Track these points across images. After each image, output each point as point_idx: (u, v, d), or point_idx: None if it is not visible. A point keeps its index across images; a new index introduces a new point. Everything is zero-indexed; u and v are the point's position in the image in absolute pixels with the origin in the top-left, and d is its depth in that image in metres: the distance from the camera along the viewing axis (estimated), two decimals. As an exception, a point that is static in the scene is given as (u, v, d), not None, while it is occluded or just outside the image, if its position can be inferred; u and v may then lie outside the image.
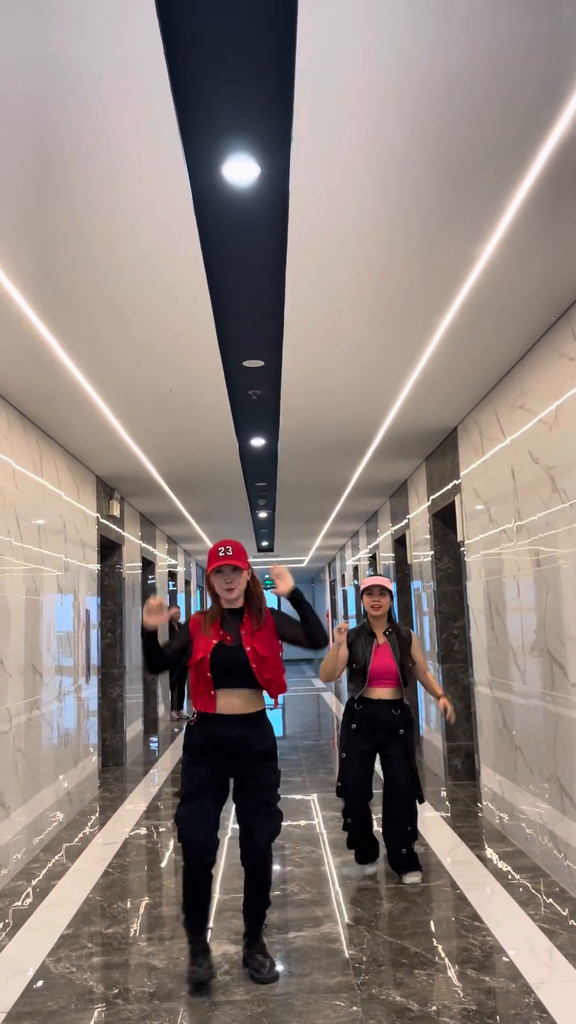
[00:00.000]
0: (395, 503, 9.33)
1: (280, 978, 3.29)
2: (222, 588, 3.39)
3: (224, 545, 3.38)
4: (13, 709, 4.89)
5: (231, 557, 3.36)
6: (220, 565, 3.36)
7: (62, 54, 2.16)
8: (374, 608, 4.49)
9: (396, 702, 4.42)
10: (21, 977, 3.40)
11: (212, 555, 3.38)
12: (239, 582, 3.40)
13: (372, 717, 4.40)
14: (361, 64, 2.26)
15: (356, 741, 4.42)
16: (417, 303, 3.85)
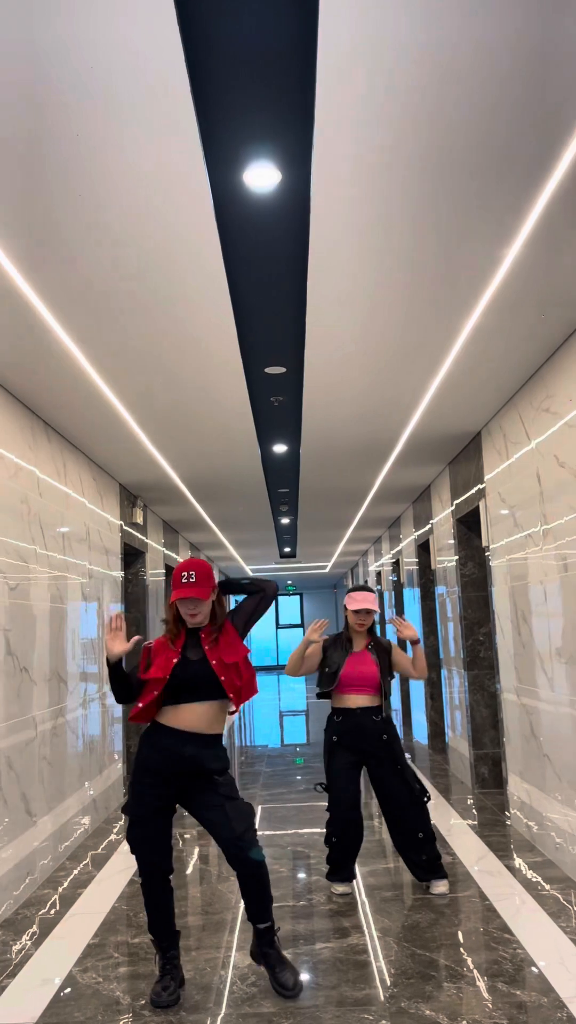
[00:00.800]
0: (418, 508, 9.28)
1: (307, 989, 3.26)
2: (186, 614, 3.29)
3: (187, 570, 3.25)
4: (38, 717, 4.91)
5: (194, 585, 3.22)
6: (183, 597, 3.23)
7: (80, 61, 2.16)
8: (359, 625, 4.46)
9: (375, 709, 4.36)
10: (48, 987, 3.39)
11: (176, 580, 3.26)
12: (202, 607, 3.30)
13: (353, 727, 4.34)
14: (382, 67, 2.24)
15: (340, 754, 4.37)
16: (440, 306, 3.82)
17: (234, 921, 4.03)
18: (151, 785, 3.23)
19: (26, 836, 4.57)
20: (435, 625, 9.00)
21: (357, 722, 4.33)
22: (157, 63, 2.17)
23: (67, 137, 2.46)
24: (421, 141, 2.56)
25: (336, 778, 4.36)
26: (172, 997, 3.18)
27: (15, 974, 3.52)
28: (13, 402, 4.71)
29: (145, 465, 6.92)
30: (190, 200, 2.82)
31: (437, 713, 8.97)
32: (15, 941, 3.88)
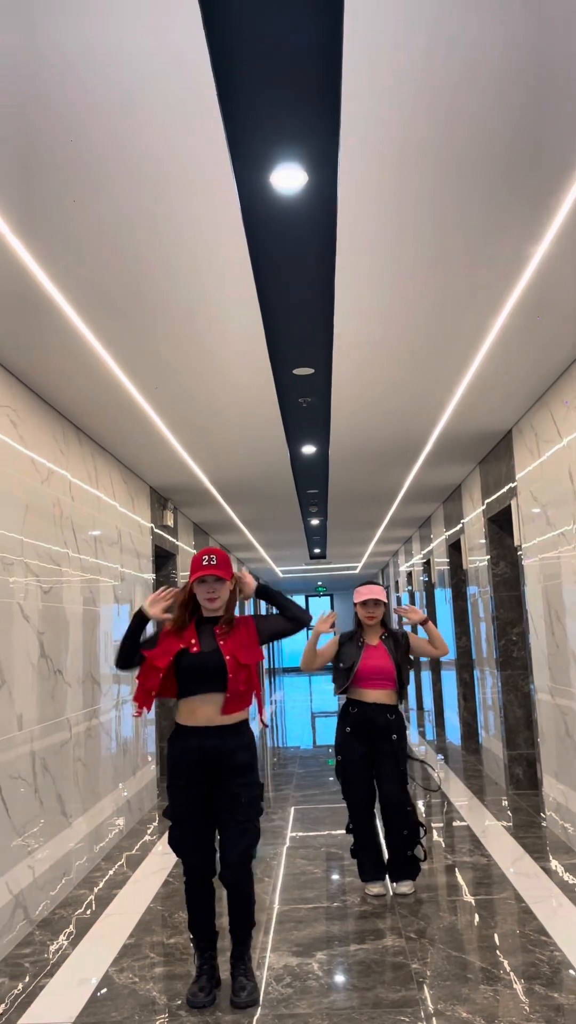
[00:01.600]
0: (449, 508, 9.22)
1: (343, 991, 3.25)
2: (204, 597, 3.32)
3: (208, 554, 3.32)
4: (72, 719, 4.95)
5: (215, 567, 3.29)
6: (204, 575, 3.29)
7: (107, 65, 2.18)
8: (368, 618, 4.47)
9: (391, 707, 4.38)
10: (85, 987, 3.42)
11: (196, 563, 3.32)
12: (222, 592, 3.33)
13: (366, 720, 4.36)
14: (408, 66, 2.23)
15: (351, 744, 4.39)
16: (469, 305, 3.80)
17: (268, 922, 4.04)
18: (183, 787, 3.25)
19: (62, 837, 4.61)
20: (467, 625, 8.94)
21: (371, 716, 4.36)
22: (183, 65, 2.19)
23: (94, 142, 2.48)
24: (448, 139, 2.55)
25: (350, 767, 4.39)
26: (209, 998, 3.19)
27: (52, 973, 3.55)
28: (44, 407, 4.76)
29: (175, 468, 6.95)
30: (218, 203, 2.83)
31: (470, 714, 8.91)
32: (52, 941, 3.92)
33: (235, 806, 3.23)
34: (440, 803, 6.49)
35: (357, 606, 4.53)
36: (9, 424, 4.19)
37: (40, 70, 2.17)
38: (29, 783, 4.19)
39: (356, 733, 4.38)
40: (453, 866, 4.80)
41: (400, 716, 4.41)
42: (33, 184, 2.66)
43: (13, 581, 4.12)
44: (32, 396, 4.57)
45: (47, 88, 2.24)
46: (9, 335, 3.79)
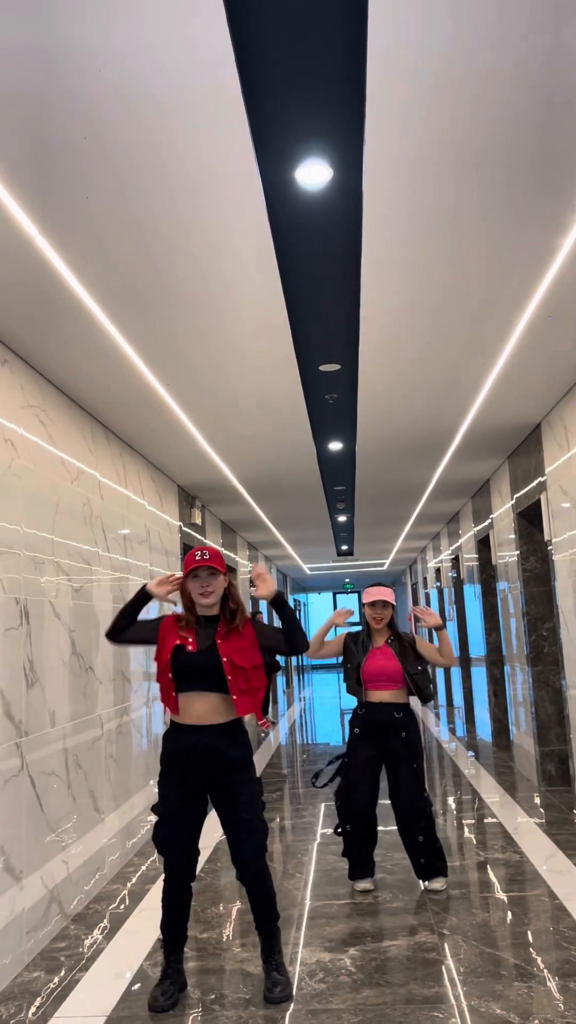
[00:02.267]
0: (477, 503, 9.17)
1: (376, 987, 3.25)
2: (197, 592, 3.30)
3: (201, 549, 3.31)
4: (104, 716, 5.00)
5: (207, 560, 3.28)
6: (196, 568, 3.28)
7: (132, 61, 2.20)
8: (376, 620, 4.45)
9: (398, 705, 4.34)
10: (120, 981, 3.45)
11: (189, 559, 3.31)
12: (215, 586, 3.30)
13: (374, 720, 4.34)
14: (431, 60, 2.22)
15: (360, 746, 4.37)
16: (496, 298, 3.77)
17: (300, 918, 4.05)
18: (176, 785, 3.25)
19: (95, 832, 4.66)
20: (497, 621, 8.88)
21: (379, 717, 4.34)
22: (207, 61, 2.19)
23: (116, 138, 2.49)
24: (472, 132, 2.53)
25: (353, 770, 4.37)
26: (169, 1002, 3.18)
27: (87, 967, 3.59)
28: (73, 407, 4.80)
29: (202, 466, 6.98)
30: (243, 200, 2.83)
31: (501, 710, 8.85)
32: (87, 935, 3.96)
33: (236, 804, 3.21)
34: (471, 800, 6.46)
35: (365, 607, 4.51)
36: (39, 424, 4.24)
37: (62, 67, 2.19)
38: (62, 779, 4.24)
39: (364, 733, 4.37)
40: (485, 863, 4.77)
41: (410, 714, 4.38)
42: (56, 182, 2.68)
43: (45, 580, 4.16)
44: (61, 396, 4.61)
45: (69, 84, 2.25)
46: (38, 335, 3.83)
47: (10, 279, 3.27)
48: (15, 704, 3.72)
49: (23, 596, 3.88)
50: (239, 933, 3.91)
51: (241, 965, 3.54)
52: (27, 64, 2.15)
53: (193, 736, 3.22)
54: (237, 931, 3.94)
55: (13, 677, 3.72)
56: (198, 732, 3.22)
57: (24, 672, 3.85)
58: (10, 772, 3.63)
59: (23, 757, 3.77)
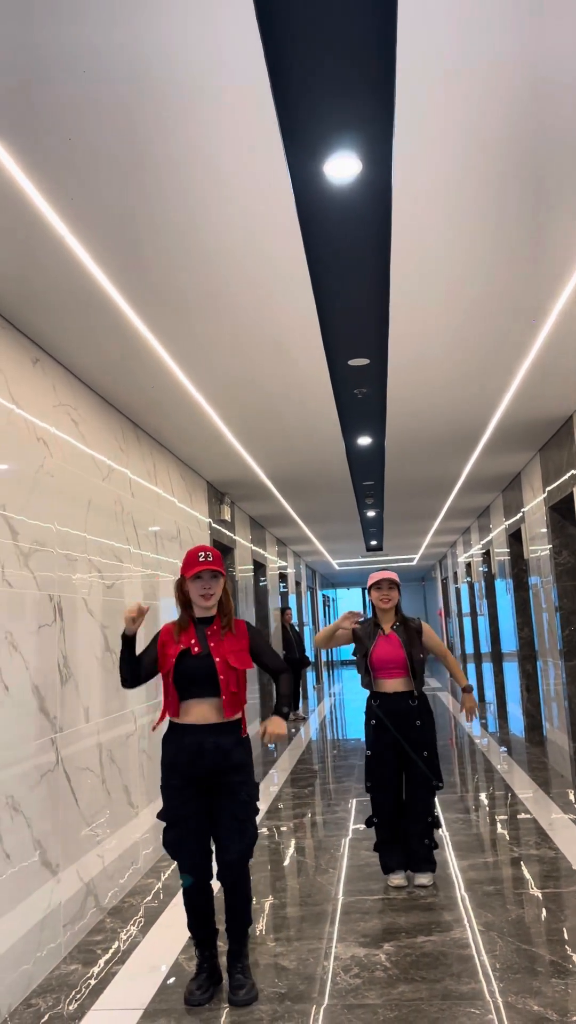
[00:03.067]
0: (508, 497, 9.09)
1: (411, 983, 3.24)
2: (198, 594, 3.30)
3: (203, 550, 3.30)
4: (137, 711, 5.03)
5: (211, 563, 3.27)
6: (200, 571, 3.27)
7: (160, 55, 2.20)
8: (383, 601, 4.45)
9: (410, 693, 4.36)
10: (156, 974, 3.48)
11: (191, 559, 3.30)
12: (217, 588, 3.32)
13: (389, 711, 4.36)
14: (461, 54, 2.19)
15: (379, 737, 4.38)
16: (527, 289, 3.73)
17: (334, 912, 4.05)
18: (179, 787, 3.25)
19: (129, 827, 4.70)
20: (529, 616, 8.81)
21: (393, 706, 4.36)
22: (235, 58, 2.19)
23: (147, 135, 2.50)
24: (505, 121, 2.50)
25: (377, 763, 4.39)
26: (206, 996, 3.20)
27: (124, 960, 3.62)
28: (104, 405, 4.83)
29: (231, 462, 6.99)
30: (272, 194, 2.83)
31: (533, 705, 8.78)
32: (122, 928, 4.00)
33: (233, 804, 3.22)
34: (504, 795, 6.42)
35: (371, 591, 4.50)
36: (71, 423, 4.27)
37: (91, 63, 2.20)
38: (96, 774, 4.27)
39: (381, 725, 4.39)
40: (519, 859, 4.74)
41: (424, 701, 4.41)
42: (86, 180, 2.69)
43: (77, 577, 4.20)
44: (92, 395, 4.64)
45: (97, 79, 2.26)
46: (70, 335, 3.86)
47: (42, 280, 3.30)
48: (50, 700, 3.76)
49: (56, 593, 3.92)
50: (272, 928, 3.93)
51: (276, 959, 3.55)
52: (63, 66, 2.16)
53: (198, 735, 3.22)
54: (271, 925, 3.95)
55: (48, 673, 3.76)
56: (202, 731, 3.23)
57: (58, 668, 3.88)
58: (46, 767, 3.67)
59: (58, 752, 3.81)
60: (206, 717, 3.24)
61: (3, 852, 3.24)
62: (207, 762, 3.21)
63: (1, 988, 3.15)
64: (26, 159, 2.54)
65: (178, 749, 3.25)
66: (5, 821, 3.28)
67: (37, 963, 3.45)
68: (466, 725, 4.47)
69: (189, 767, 3.23)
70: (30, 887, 3.44)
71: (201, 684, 3.25)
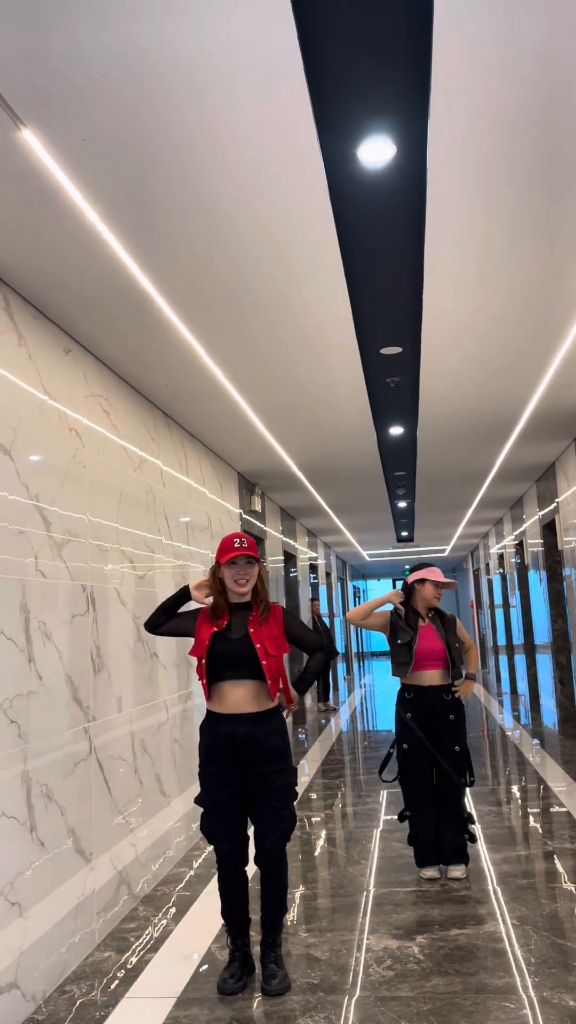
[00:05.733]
0: (542, 487, 8.97)
1: (444, 976, 3.22)
2: (233, 580, 3.29)
3: (239, 537, 3.30)
4: (168, 701, 5.05)
5: (246, 548, 3.27)
6: (235, 556, 3.27)
7: (195, 41, 2.17)
8: (437, 599, 4.45)
9: (447, 687, 4.33)
10: (188, 963, 3.49)
11: (226, 545, 3.29)
12: (252, 574, 3.31)
13: (424, 704, 4.32)
14: (497, 38, 2.14)
15: (412, 732, 4.34)
16: (564, 277, 3.65)
17: (367, 904, 4.03)
18: (216, 774, 3.25)
19: (161, 815, 4.72)
20: (563, 608, 8.70)
21: (428, 700, 4.33)
22: (268, 41, 2.16)
23: (180, 124, 2.48)
24: (540, 105, 2.44)
25: (410, 756, 4.36)
26: (239, 985, 3.20)
27: (156, 948, 3.64)
28: (134, 395, 4.84)
29: (262, 453, 6.98)
30: (304, 179, 2.79)
31: (567, 698, 8.68)
32: (155, 916, 4.02)
33: (269, 792, 3.22)
34: (537, 788, 6.36)
35: (428, 584, 4.44)
36: (103, 413, 4.28)
37: (128, 51, 2.18)
38: (129, 763, 4.30)
39: (417, 719, 4.35)
40: (552, 852, 4.69)
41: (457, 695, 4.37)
42: (119, 169, 2.68)
43: (109, 567, 4.21)
44: (123, 385, 4.65)
45: (135, 68, 2.24)
46: (101, 325, 3.86)
47: (74, 271, 3.30)
48: (83, 690, 3.78)
49: (89, 583, 3.94)
50: (304, 918, 3.92)
51: (308, 950, 3.54)
52: (99, 56, 2.15)
53: (232, 724, 3.22)
54: (302, 916, 3.95)
55: (81, 663, 3.78)
56: (236, 720, 3.23)
57: (91, 658, 3.90)
58: (79, 756, 3.69)
59: (91, 741, 3.83)
60: (239, 705, 3.24)
61: (37, 839, 3.27)
62: (241, 751, 3.22)
63: (36, 974, 3.18)
64: (60, 152, 2.53)
65: (213, 737, 3.26)
66: (39, 809, 3.30)
67: (71, 950, 3.48)
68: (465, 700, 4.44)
69: (223, 755, 3.24)
70: (64, 874, 3.47)
71: (235, 667, 3.24)
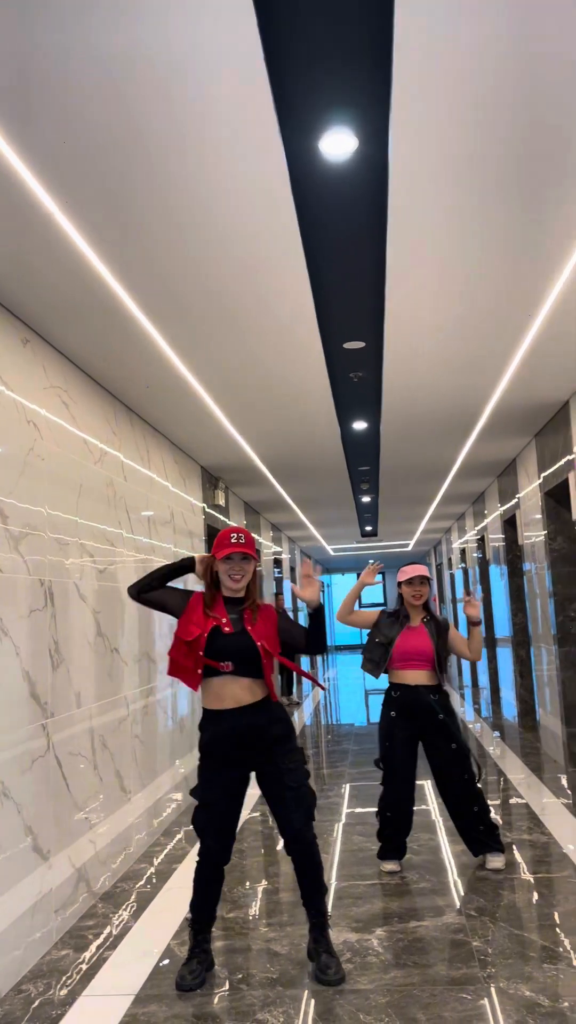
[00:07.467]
0: (503, 483, 9.07)
1: (403, 968, 3.24)
2: (228, 575, 3.27)
3: (236, 532, 3.27)
4: (130, 696, 5.01)
5: (243, 545, 3.24)
6: (231, 552, 3.25)
7: (151, 32, 2.14)
8: (415, 597, 4.39)
9: (433, 687, 4.31)
10: (148, 959, 3.47)
11: (223, 540, 3.26)
12: (248, 571, 3.30)
13: (411, 703, 4.29)
14: (459, 28, 2.14)
15: (397, 730, 4.32)
16: (525, 272, 3.68)
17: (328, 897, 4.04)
18: (217, 770, 3.25)
19: (121, 812, 4.68)
20: (523, 602, 8.81)
21: (414, 699, 4.29)
22: (229, 31, 2.13)
23: (138, 113, 2.44)
24: (504, 101, 2.44)
25: (392, 753, 4.34)
26: (197, 981, 3.19)
27: (115, 946, 3.61)
28: (96, 388, 4.78)
29: (225, 447, 6.95)
30: (265, 171, 2.77)
31: (527, 691, 8.79)
32: (114, 914, 3.99)
33: (281, 775, 3.22)
34: (497, 780, 6.43)
35: (402, 585, 4.44)
36: (61, 405, 4.22)
37: (82, 44, 2.14)
38: (88, 760, 4.25)
39: (401, 716, 4.33)
40: (512, 844, 4.74)
41: (445, 695, 4.35)
42: (75, 158, 2.64)
43: (69, 562, 4.16)
44: (84, 377, 4.59)
45: (88, 60, 2.20)
46: (60, 316, 3.80)
47: (31, 259, 3.24)
48: (41, 685, 3.73)
49: (48, 578, 3.88)
50: (266, 913, 3.92)
51: (268, 945, 3.54)
52: (55, 51, 2.10)
53: (233, 719, 3.21)
54: (264, 911, 3.95)
55: (38, 658, 3.73)
56: (238, 714, 3.21)
57: (49, 653, 3.85)
58: (36, 753, 3.65)
59: (49, 738, 3.79)
60: (239, 699, 3.22)
61: (-7, 838, 3.22)
62: (246, 742, 3.21)
63: (-8, 973, 3.14)
64: (17, 140, 2.48)
65: (213, 736, 3.25)
66: (-5, 807, 3.25)
67: (28, 949, 3.43)
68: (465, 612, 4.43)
69: (227, 751, 3.23)
70: (21, 873, 3.42)
71: (237, 663, 3.21)
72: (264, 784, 3.29)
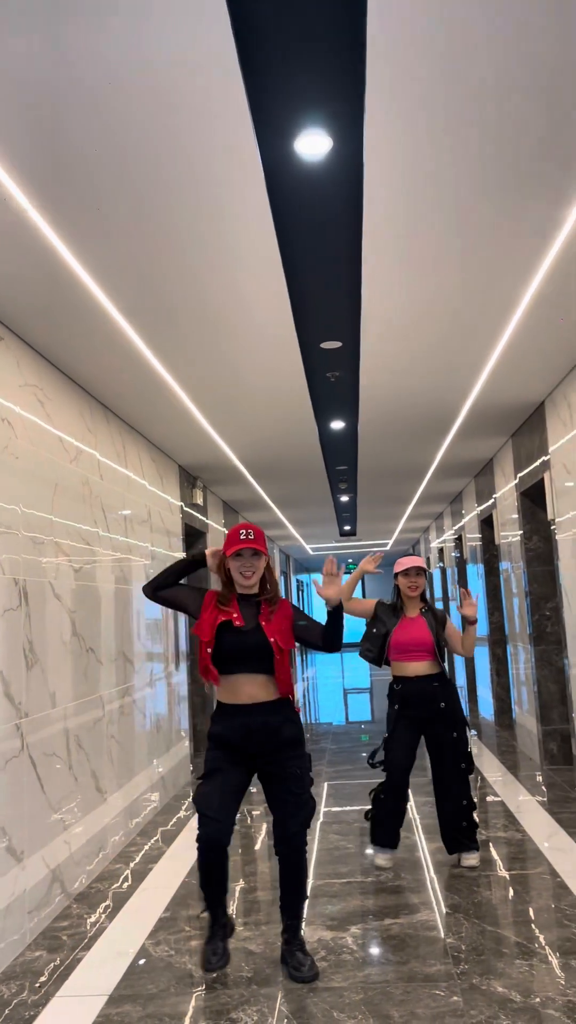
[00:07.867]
0: (480, 483, 9.12)
1: (377, 965, 3.26)
2: (239, 572, 3.27)
3: (245, 528, 3.27)
4: (106, 696, 4.99)
5: (252, 541, 3.24)
6: (240, 548, 3.25)
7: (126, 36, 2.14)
8: (411, 589, 4.42)
9: (435, 676, 4.33)
10: (123, 959, 3.46)
11: (232, 537, 3.27)
12: (259, 567, 3.30)
13: (413, 694, 4.32)
14: (432, 30, 2.15)
15: (400, 721, 4.35)
16: (500, 273, 3.71)
17: (303, 896, 4.05)
18: (224, 757, 3.24)
19: (97, 812, 4.66)
20: (500, 601, 8.87)
21: (417, 689, 4.32)
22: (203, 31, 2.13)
23: (110, 111, 2.44)
24: (477, 102, 2.46)
25: (393, 744, 4.36)
26: (222, 961, 3.23)
27: (90, 946, 3.60)
28: (71, 386, 4.75)
29: (203, 446, 6.94)
30: (241, 171, 2.77)
31: (503, 689, 8.85)
32: (89, 914, 3.97)
33: (287, 779, 3.21)
34: (474, 778, 6.47)
35: (399, 576, 4.46)
36: (36, 403, 4.19)
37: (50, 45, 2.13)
38: (64, 760, 4.23)
39: (404, 708, 4.35)
40: (487, 841, 4.78)
41: (448, 684, 4.36)
42: (47, 152, 2.62)
43: (45, 561, 4.14)
44: (59, 375, 4.56)
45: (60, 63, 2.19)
46: (34, 313, 3.78)
47: (5, 257, 3.22)
48: (15, 685, 3.71)
49: (22, 577, 3.86)
50: (242, 912, 3.92)
51: (244, 944, 3.54)
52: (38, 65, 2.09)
53: (246, 715, 3.20)
54: (240, 910, 3.95)
55: (13, 658, 3.71)
56: (250, 711, 3.21)
57: (24, 653, 3.83)
58: (10, 753, 3.62)
59: (23, 738, 3.76)
60: (254, 696, 3.21)
61: (-34, 839, 3.20)
62: (256, 740, 3.20)
63: (-36, 975, 3.11)
64: (-14, 130, 2.47)
65: (224, 728, 3.24)
66: (-32, 808, 3.23)
67: (1, 950, 3.41)
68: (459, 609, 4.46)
69: (237, 746, 3.22)
70: (-6, 874, 3.40)
71: (248, 660, 3.21)
72: (268, 785, 3.27)
